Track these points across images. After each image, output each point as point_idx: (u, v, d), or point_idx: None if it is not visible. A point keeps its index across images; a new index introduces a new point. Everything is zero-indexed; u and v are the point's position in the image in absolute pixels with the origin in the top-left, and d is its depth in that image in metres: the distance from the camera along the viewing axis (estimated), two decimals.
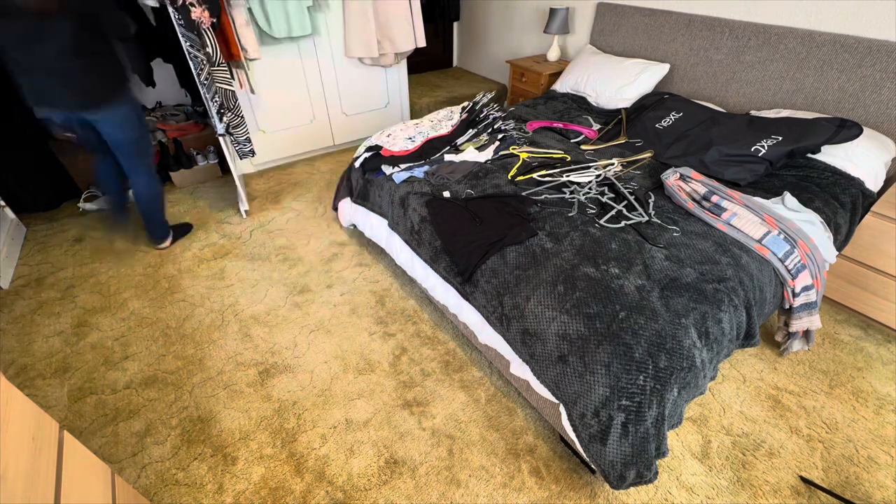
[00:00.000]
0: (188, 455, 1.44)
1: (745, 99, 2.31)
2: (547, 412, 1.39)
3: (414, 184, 1.86)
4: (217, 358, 1.77)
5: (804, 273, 1.47)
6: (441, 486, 1.37)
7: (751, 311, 1.36)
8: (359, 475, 1.40)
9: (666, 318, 1.21)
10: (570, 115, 2.57)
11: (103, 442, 1.48)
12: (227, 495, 1.34)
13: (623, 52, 2.81)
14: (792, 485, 1.37)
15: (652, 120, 2.26)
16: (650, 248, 1.45)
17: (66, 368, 1.72)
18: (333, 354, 1.79)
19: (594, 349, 1.19)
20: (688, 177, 1.78)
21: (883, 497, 1.34)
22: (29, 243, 2.41)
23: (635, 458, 1.15)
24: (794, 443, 1.48)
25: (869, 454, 1.45)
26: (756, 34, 2.17)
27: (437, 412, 1.58)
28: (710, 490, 1.36)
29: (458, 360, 1.77)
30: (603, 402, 1.15)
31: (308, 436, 1.50)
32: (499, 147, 2.09)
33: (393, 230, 1.95)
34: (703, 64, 2.43)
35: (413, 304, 2.02)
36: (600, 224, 1.56)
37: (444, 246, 1.61)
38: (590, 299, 1.27)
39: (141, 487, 1.36)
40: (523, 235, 1.50)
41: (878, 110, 1.90)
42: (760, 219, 1.53)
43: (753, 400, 1.62)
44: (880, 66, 1.84)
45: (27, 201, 2.57)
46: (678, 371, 1.16)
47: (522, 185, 1.80)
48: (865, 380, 1.69)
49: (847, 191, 1.78)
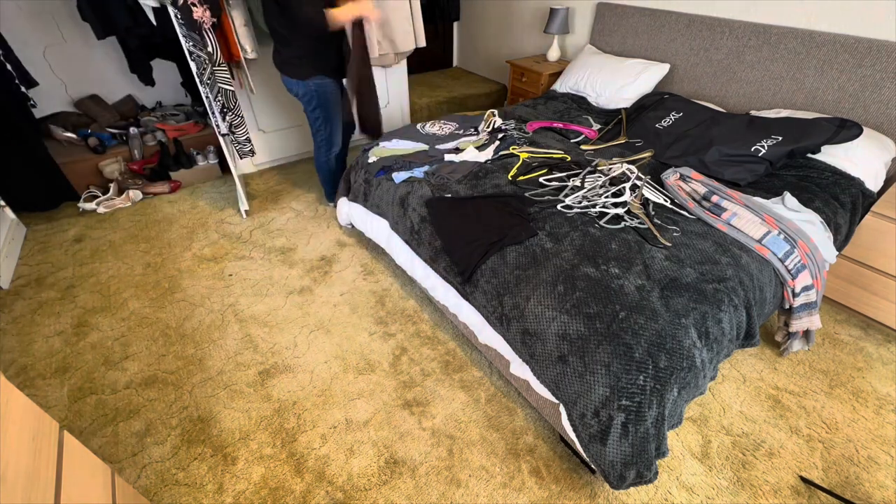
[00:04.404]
0: (188, 455, 1.44)
1: (745, 99, 2.31)
2: (547, 412, 1.39)
3: (414, 184, 1.86)
4: (217, 358, 1.77)
5: (804, 273, 1.47)
6: (441, 486, 1.37)
7: (751, 311, 1.36)
8: (359, 475, 1.40)
9: (666, 318, 1.21)
10: (570, 115, 2.57)
11: (103, 442, 1.48)
12: (227, 495, 1.34)
13: (623, 52, 2.81)
14: (792, 485, 1.37)
15: (652, 120, 2.26)
16: (650, 248, 1.45)
17: (66, 368, 1.72)
18: (333, 354, 1.79)
19: (594, 349, 1.19)
20: (688, 177, 1.78)
21: (883, 497, 1.34)
22: (29, 243, 2.41)
23: (635, 458, 1.15)
24: (794, 443, 1.48)
25: (869, 454, 1.45)
26: (756, 34, 2.17)
27: (437, 412, 1.58)
28: (710, 490, 1.36)
29: (458, 360, 1.77)
30: (603, 402, 1.15)
31: (308, 436, 1.50)
32: (499, 147, 2.09)
33: (393, 230, 1.95)
34: (703, 64, 2.43)
35: (413, 304, 2.02)
36: (600, 225, 1.56)
37: (444, 246, 1.61)
38: (590, 299, 1.27)
39: (141, 487, 1.36)
40: (523, 235, 1.50)
41: (878, 110, 1.90)
42: (760, 219, 1.53)
43: (753, 400, 1.62)
44: (880, 66, 1.84)
45: (27, 201, 2.57)
46: (678, 371, 1.16)
47: (523, 185, 1.80)
48: (865, 380, 1.69)
49: (847, 191, 1.78)
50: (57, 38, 2.78)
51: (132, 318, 1.95)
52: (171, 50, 2.76)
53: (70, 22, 2.74)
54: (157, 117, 3.09)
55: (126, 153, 2.86)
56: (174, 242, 2.42)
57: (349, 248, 2.37)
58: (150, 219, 2.62)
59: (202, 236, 2.47)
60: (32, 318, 1.94)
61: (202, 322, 1.92)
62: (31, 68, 2.59)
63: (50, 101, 2.88)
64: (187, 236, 2.47)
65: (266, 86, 2.79)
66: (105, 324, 1.92)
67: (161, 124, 2.99)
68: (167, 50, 2.80)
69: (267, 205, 2.75)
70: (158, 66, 3.00)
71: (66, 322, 1.92)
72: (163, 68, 3.05)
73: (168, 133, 2.95)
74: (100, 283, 2.14)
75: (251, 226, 2.56)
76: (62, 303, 2.02)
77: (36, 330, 1.89)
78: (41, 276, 2.18)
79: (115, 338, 1.85)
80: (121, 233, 2.49)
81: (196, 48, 2.01)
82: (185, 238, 2.45)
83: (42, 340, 1.84)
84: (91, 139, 2.76)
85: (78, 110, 2.99)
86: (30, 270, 2.22)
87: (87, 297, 2.06)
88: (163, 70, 3.06)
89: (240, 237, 2.46)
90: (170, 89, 3.28)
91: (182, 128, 2.99)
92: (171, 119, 3.07)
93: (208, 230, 2.52)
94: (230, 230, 2.52)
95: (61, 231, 2.51)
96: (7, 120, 2.33)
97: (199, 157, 2.96)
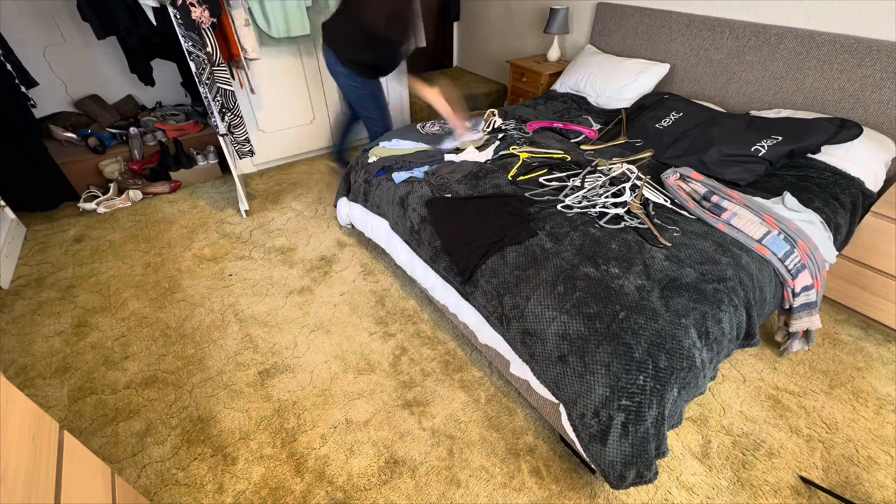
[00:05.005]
0: (188, 455, 1.44)
1: (745, 99, 2.31)
2: (547, 412, 1.39)
3: (414, 184, 1.86)
4: (217, 358, 1.77)
5: (804, 273, 1.47)
6: (441, 486, 1.37)
7: (751, 311, 1.36)
8: (359, 475, 1.40)
9: (666, 318, 1.21)
10: (570, 115, 2.57)
11: (103, 442, 1.48)
12: (227, 495, 1.34)
13: (623, 52, 2.81)
14: (792, 485, 1.37)
15: (652, 120, 2.26)
16: (650, 248, 1.45)
17: (66, 368, 1.72)
18: (333, 354, 1.79)
19: (594, 349, 1.19)
20: (688, 177, 1.78)
21: (883, 497, 1.34)
22: (29, 243, 2.41)
23: (635, 457, 1.15)
24: (794, 443, 1.48)
25: (869, 454, 1.45)
26: (756, 34, 2.17)
27: (437, 412, 1.58)
28: (710, 490, 1.36)
29: (458, 360, 1.77)
30: (603, 402, 1.15)
31: (308, 436, 1.50)
32: (499, 147, 2.09)
33: (393, 230, 1.95)
34: (703, 64, 2.43)
35: (413, 304, 2.02)
36: (600, 225, 1.56)
37: (444, 246, 1.61)
38: (590, 299, 1.26)
39: (141, 487, 1.36)
40: (523, 235, 1.50)
41: (878, 110, 1.90)
42: (760, 219, 1.53)
43: (753, 400, 1.62)
44: (880, 66, 1.84)
45: (27, 201, 2.57)
46: (678, 371, 1.16)
47: (523, 185, 1.80)
48: (865, 380, 1.69)
49: (847, 191, 1.78)
50: (57, 38, 2.78)
51: (132, 318, 1.95)
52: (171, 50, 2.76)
53: (70, 22, 2.74)
54: (157, 117, 3.09)
55: (126, 153, 2.86)
56: (174, 242, 2.42)
57: (349, 248, 2.37)
58: (150, 219, 2.62)
59: (202, 236, 2.47)
60: (32, 318, 1.94)
61: (202, 322, 1.92)
62: (31, 68, 2.59)
63: (50, 101, 2.88)
64: (187, 236, 2.47)
65: (266, 86, 2.79)
66: (105, 324, 1.92)
67: (161, 124, 2.99)
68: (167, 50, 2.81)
69: (267, 205, 2.75)
70: (158, 67, 3.00)
71: (66, 322, 1.92)
72: (163, 68, 3.05)
73: (168, 133, 2.95)
74: (100, 283, 2.14)
75: (251, 226, 2.56)
76: (62, 303, 2.02)
77: (36, 330, 1.89)
78: (41, 276, 2.19)
79: (115, 338, 1.85)
80: (121, 233, 2.49)
81: (195, 48, 2.02)
82: (185, 238, 2.45)
83: (42, 340, 1.84)
84: (91, 139, 2.76)
85: (78, 110, 2.99)
86: (30, 270, 2.22)
87: (87, 297, 2.06)
88: (163, 70, 3.06)
89: (240, 237, 2.46)
90: (170, 89, 3.28)
91: (182, 128, 2.99)
92: (171, 119, 3.07)
93: (208, 230, 2.52)
94: (230, 230, 2.52)
95: (61, 231, 2.51)
96: (7, 120, 2.33)
97: (199, 157, 2.96)
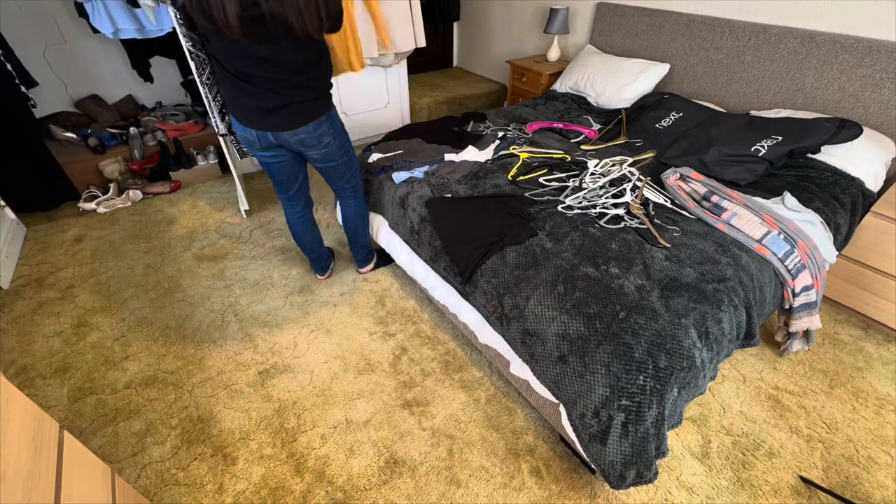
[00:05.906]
0: (188, 455, 1.44)
1: (745, 99, 2.31)
2: (547, 412, 1.39)
3: (414, 184, 1.86)
4: (217, 358, 1.77)
5: (804, 273, 1.47)
6: (441, 486, 1.37)
7: (751, 311, 1.36)
8: (359, 475, 1.40)
9: (666, 318, 1.21)
10: (570, 115, 2.57)
11: (103, 442, 1.48)
12: (227, 495, 1.34)
13: (623, 52, 2.81)
14: (792, 485, 1.37)
15: (652, 120, 2.26)
16: (650, 248, 1.45)
17: (66, 368, 1.72)
18: (333, 354, 1.79)
19: (594, 349, 1.19)
20: (688, 177, 1.78)
21: (883, 497, 1.34)
22: (29, 243, 2.41)
23: (635, 457, 1.15)
24: (794, 443, 1.48)
25: (869, 454, 1.45)
26: (756, 34, 2.17)
27: (437, 412, 1.58)
28: (710, 490, 1.36)
29: (458, 360, 1.77)
30: (603, 402, 1.15)
31: (308, 436, 1.50)
32: (499, 147, 2.09)
33: (393, 230, 1.95)
34: (703, 64, 2.43)
35: (413, 304, 2.02)
36: (600, 225, 1.56)
37: (444, 246, 1.61)
38: (590, 299, 1.26)
39: (141, 487, 1.36)
40: (523, 235, 1.50)
41: (878, 110, 1.90)
42: (760, 219, 1.52)
43: (753, 400, 1.62)
44: (880, 66, 1.84)
45: (27, 201, 2.57)
46: (678, 371, 1.16)
47: (523, 185, 1.80)
48: (865, 380, 1.69)
49: (847, 191, 1.78)
50: (57, 38, 2.78)
51: (132, 318, 1.95)
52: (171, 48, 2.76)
53: (70, 22, 2.74)
54: (157, 117, 3.09)
55: (126, 153, 2.86)
56: (174, 242, 2.42)
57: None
58: (150, 219, 2.62)
59: (202, 236, 2.47)
60: (32, 318, 1.94)
61: (202, 322, 1.92)
62: (31, 68, 2.59)
63: (50, 101, 2.88)
64: (187, 236, 2.47)
65: None
66: (105, 324, 1.92)
67: (161, 124, 2.99)
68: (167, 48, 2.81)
69: (267, 205, 2.75)
70: (159, 67, 3.01)
71: (66, 322, 1.92)
72: (163, 68, 3.05)
73: (168, 133, 2.95)
74: (100, 283, 2.14)
75: (251, 226, 2.55)
76: (62, 303, 2.02)
77: (36, 330, 1.89)
78: (41, 276, 2.18)
79: (115, 338, 1.85)
80: (121, 233, 2.49)
81: (195, 48, 2.01)
82: (185, 238, 2.45)
83: (42, 340, 1.84)
84: (91, 139, 2.76)
85: (78, 110, 2.99)
86: (30, 270, 2.22)
87: (87, 297, 2.06)
88: (163, 70, 3.06)
89: (240, 237, 2.46)
90: (170, 89, 3.28)
91: (182, 128, 2.99)
92: (171, 119, 3.07)
93: (208, 230, 2.52)
94: (230, 230, 2.52)
95: (61, 231, 2.51)
96: (7, 120, 2.33)
97: (199, 157, 2.96)
